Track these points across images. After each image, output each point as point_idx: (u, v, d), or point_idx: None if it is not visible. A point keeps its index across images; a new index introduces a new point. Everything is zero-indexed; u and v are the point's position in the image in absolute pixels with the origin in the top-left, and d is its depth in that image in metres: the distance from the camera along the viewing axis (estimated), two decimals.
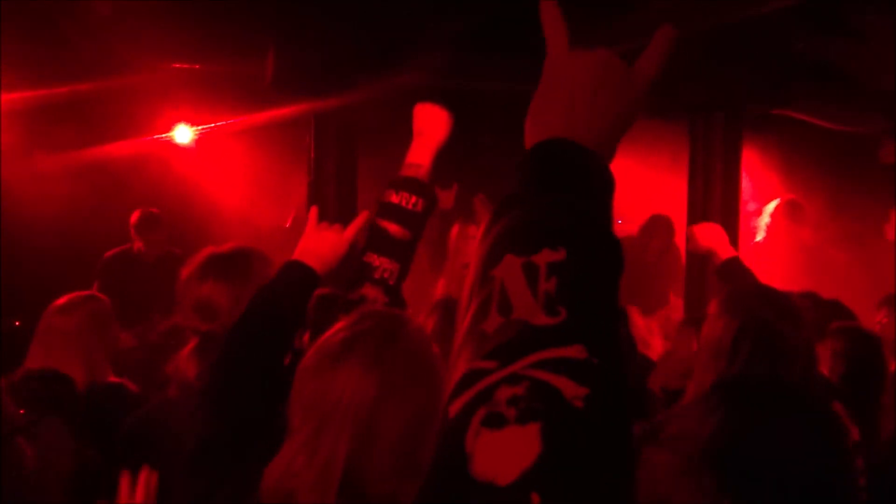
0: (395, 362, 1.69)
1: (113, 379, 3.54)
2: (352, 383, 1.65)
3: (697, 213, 6.15)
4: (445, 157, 2.69)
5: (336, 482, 1.61)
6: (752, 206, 7.29)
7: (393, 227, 2.39)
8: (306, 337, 2.78)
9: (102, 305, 3.67)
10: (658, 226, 7.26)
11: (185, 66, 5.92)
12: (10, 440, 2.47)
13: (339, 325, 1.77)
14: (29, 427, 2.57)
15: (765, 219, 6.96)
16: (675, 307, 6.96)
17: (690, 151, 6.24)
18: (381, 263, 2.37)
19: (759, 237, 6.92)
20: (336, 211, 5.62)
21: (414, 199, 2.43)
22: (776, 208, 6.93)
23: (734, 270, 3.60)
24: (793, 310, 2.61)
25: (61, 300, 3.58)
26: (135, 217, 6.50)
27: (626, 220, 8.42)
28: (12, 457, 2.61)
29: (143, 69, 6.00)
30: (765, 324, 2.51)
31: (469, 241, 7.24)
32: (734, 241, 6.10)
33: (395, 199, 2.43)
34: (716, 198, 6.08)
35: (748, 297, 2.64)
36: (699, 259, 6.10)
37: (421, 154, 2.55)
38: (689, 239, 3.97)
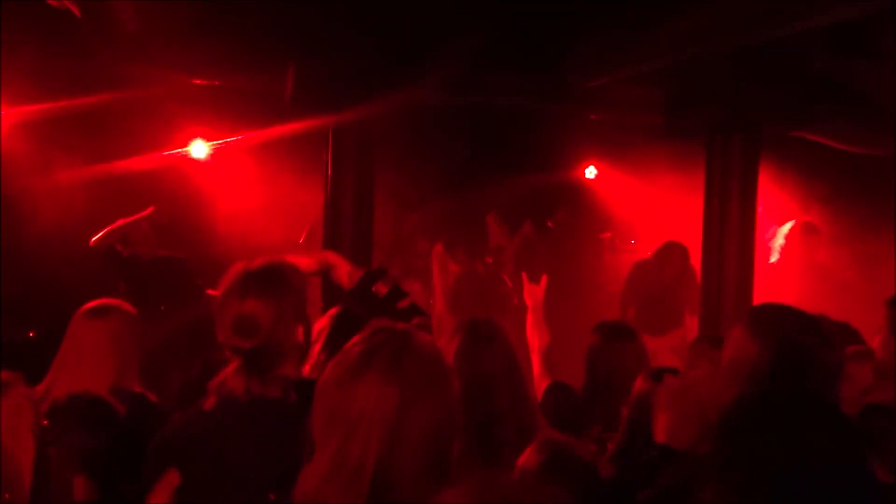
0: (413, 370, 1.80)
1: (137, 389, 3.53)
2: (374, 393, 1.76)
3: (714, 233, 6.14)
4: (458, 174, 2.83)
5: (366, 486, 1.70)
6: (768, 227, 7.28)
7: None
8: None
9: (132, 312, 3.66)
10: (672, 252, 7.31)
11: (205, 81, 5.96)
12: (41, 451, 2.48)
13: (353, 341, 1.86)
14: (57, 439, 2.58)
15: (779, 240, 6.95)
16: (691, 328, 6.96)
17: (707, 172, 6.23)
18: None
19: (774, 258, 6.91)
20: (353, 226, 5.63)
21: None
22: (791, 230, 6.92)
23: None
24: (828, 333, 2.55)
25: (93, 304, 3.56)
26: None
27: (642, 240, 8.42)
28: (42, 466, 2.62)
29: (163, 84, 6.04)
30: (803, 349, 2.45)
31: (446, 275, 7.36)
32: (751, 261, 6.09)
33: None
34: (732, 218, 6.06)
35: (783, 322, 2.53)
36: (715, 279, 6.10)
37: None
38: None
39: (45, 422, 2.45)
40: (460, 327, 3.19)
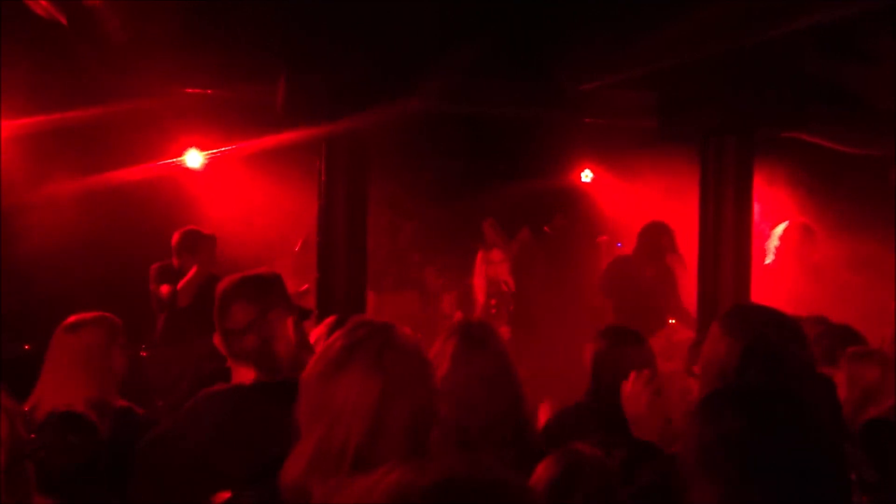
0: (393, 364, 1.90)
1: (121, 402, 3.54)
2: (356, 386, 1.86)
3: (709, 236, 6.14)
4: (454, 181, 2.88)
5: (346, 471, 1.80)
6: (763, 229, 7.28)
7: None
8: None
9: (113, 324, 3.67)
10: (655, 230, 7.26)
11: (198, 91, 5.96)
12: (19, 464, 2.48)
13: (336, 335, 1.97)
14: (36, 452, 2.57)
15: (774, 241, 6.95)
16: (674, 329, 6.94)
17: (702, 175, 6.23)
18: None
19: (769, 259, 6.91)
20: (346, 235, 5.63)
21: None
22: (786, 230, 6.92)
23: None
24: (797, 331, 2.57)
25: (71, 318, 3.59)
26: (175, 236, 6.56)
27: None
28: (19, 480, 2.61)
29: (156, 94, 6.05)
30: (771, 345, 2.48)
31: (492, 265, 7.31)
32: (747, 264, 6.09)
33: None
34: (727, 221, 6.06)
35: (752, 319, 2.59)
36: (711, 282, 6.10)
37: None
38: None
39: (33, 436, 2.47)
40: (453, 331, 3.20)
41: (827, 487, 1.70)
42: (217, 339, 2.79)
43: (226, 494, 1.99)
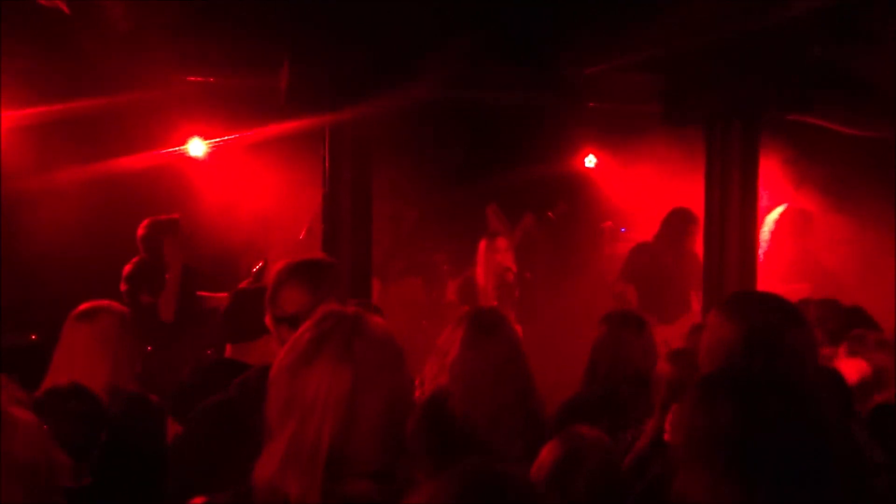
0: (363, 354, 1.85)
1: (133, 388, 3.56)
2: (326, 378, 1.81)
3: (715, 220, 6.13)
4: (457, 169, 2.88)
5: (322, 467, 1.76)
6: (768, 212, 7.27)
7: None
8: None
9: (122, 311, 3.68)
10: (680, 218, 7.20)
11: (200, 79, 5.94)
12: None
13: (304, 327, 1.92)
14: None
15: (768, 227, 6.95)
16: (697, 313, 6.91)
17: (707, 159, 6.22)
18: None
19: (763, 248, 6.90)
20: (350, 223, 5.63)
21: None
22: (780, 216, 6.95)
23: None
24: (797, 314, 2.57)
25: (84, 306, 3.60)
26: (140, 230, 6.46)
27: (642, 228, 8.39)
28: None
29: (159, 83, 6.03)
30: (773, 331, 2.47)
31: (497, 253, 7.28)
32: (752, 249, 6.08)
33: None
34: (733, 205, 6.05)
35: (753, 304, 2.58)
36: (716, 267, 6.09)
37: None
38: None
39: (45, 427, 2.47)
40: (464, 317, 3.19)
41: (819, 478, 1.69)
42: (268, 320, 2.76)
43: (200, 500, 1.96)
